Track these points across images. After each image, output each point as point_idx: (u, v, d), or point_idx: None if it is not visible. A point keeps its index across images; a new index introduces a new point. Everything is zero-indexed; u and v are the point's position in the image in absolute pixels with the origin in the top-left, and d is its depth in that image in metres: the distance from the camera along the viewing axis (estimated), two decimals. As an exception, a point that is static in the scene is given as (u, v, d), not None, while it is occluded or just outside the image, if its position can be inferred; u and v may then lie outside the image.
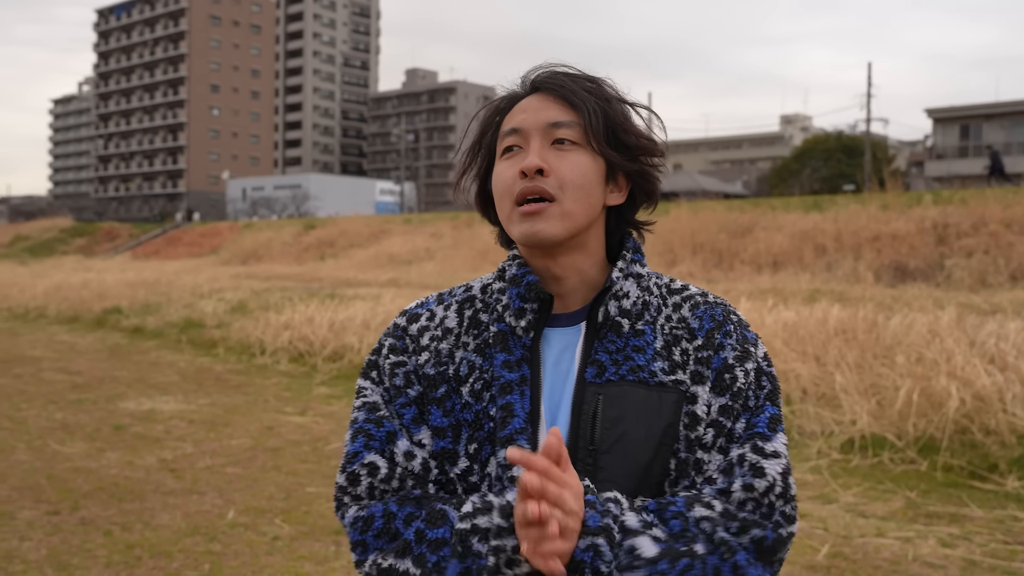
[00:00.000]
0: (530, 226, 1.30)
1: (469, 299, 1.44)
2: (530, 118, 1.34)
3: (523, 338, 1.34)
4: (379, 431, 1.35)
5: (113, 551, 4.74)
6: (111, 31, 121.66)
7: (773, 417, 1.32)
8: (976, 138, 45.48)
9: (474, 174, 1.46)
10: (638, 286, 1.36)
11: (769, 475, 1.26)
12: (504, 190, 1.34)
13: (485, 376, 1.33)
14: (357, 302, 15.08)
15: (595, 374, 1.30)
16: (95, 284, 23.19)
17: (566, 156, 1.32)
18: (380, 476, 1.31)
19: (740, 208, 25.63)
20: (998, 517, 5.31)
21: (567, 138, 1.33)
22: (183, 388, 10.27)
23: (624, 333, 1.33)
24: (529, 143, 1.33)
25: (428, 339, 1.40)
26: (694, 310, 1.37)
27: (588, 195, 1.33)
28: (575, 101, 1.33)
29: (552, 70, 1.39)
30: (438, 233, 34.13)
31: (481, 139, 1.44)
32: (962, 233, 19.16)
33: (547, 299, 1.34)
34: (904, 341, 8.14)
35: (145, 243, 53.38)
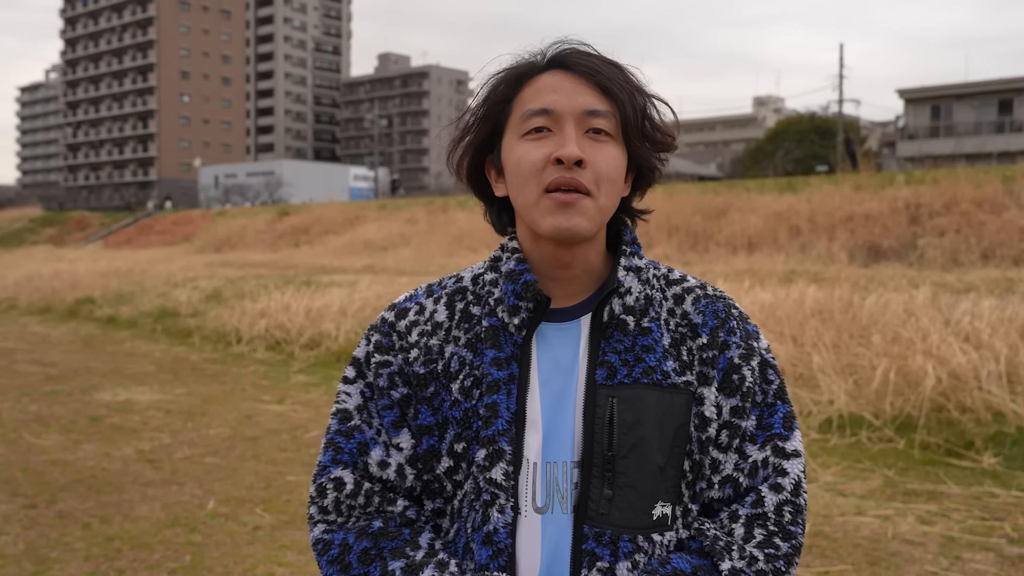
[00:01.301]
0: (565, 219, 1.23)
1: (460, 291, 1.37)
2: (564, 101, 1.25)
3: (515, 336, 1.28)
4: (348, 443, 1.32)
5: (92, 544, 4.69)
6: (78, 17, 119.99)
7: (787, 415, 1.32)
8: (947, 118, 45.85)
9: (467, 143, 1.36)
10: (639, 280, 1.31)
11: (793, 473, 1.29)
12: (531, 173, 1.25)
13: (476, 373, 1.28)
14: (333, 289, 15.02)
15: (606, 376, 1.25)
16: (67, 274, 22.96)
17: (602, 148, 1.25)
18: (346, 491, 1.30)
19: (714, 190, 25.71)
20: (975, 493, 5.37)
21: (603, 128, 1.25)
22: (159, 378, 10.19)
23: (630, 331, 1.28)
24: (563, 128, 1.24)
25: (417, 335, 1.34)
26: (696, 304, 1.33)
27: (618, 190, 1.29)
28: (612, 90, 1.26)
29: (578, 48, 1.30)
30: (413, 218, 34.02)
31: (487, 108, 1.32)
32: (934, 213, 19.33)
33: (544, 300, 1.28)
34: (880, 321, 8.20)
35: (117, 232, 52.85)
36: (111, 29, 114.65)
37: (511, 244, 1.34)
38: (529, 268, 1.29)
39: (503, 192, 1.34)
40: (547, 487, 1.24)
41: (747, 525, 1.25)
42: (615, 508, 1.21)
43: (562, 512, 1.23)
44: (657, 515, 1.23)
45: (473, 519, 1.25)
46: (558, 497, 1.24)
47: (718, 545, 1.23)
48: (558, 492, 1.24)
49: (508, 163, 1.29)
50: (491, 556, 1.22)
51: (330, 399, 8.82)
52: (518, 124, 1.28)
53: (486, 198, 1.41)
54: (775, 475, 1.28)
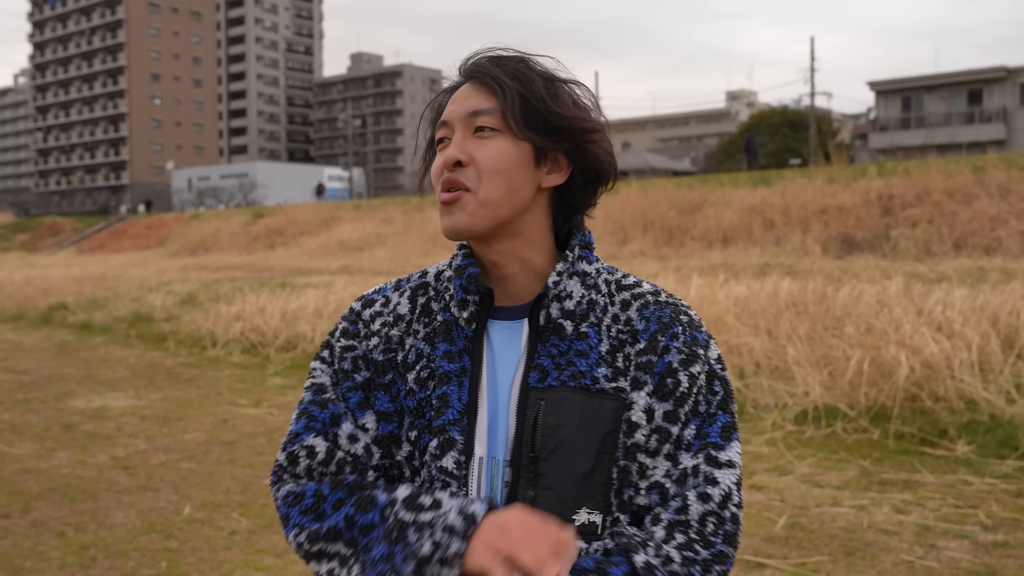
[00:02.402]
0: (448, 218, 1.30)
1: (423, 286, 1.41)
2: (455, 108, 1.32)
3: (465, 329, 1.32)
4: (322, 413, 1.34)
5: (67, 552, 4.65)
6: (46, 20, 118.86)
7: (726, 425, 1.29)
8: (918, 109, 46.27)
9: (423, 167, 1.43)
10: (583, 284, 1.32)
11: (724, 484, 1.25)
12: (435, 183, 1.34)
13: (431, 365, 1.32)
14: (309, 291, 14.95)
15: (538, 379, 1.27)
16: (39, 280, 22.73)
17: (485, 143, 1.29)
18: (318, 459, 1.30)
19: (689, 185, 25.81)
20: (949, 482, 5.42)
21: (487, 125, 1.29)
22: (134, 383, 10.11)
23: (567, 335, 1.30)
24: (454, 134, 1.31)
25: (379, 324, 1.39)
26: (642, 311, 1.32)
27: (507, 180, 1.28)
28: (493, 86, 1.30)
29: (481, 56, 1.35)
30: (389, 218, 33.94)
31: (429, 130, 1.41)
32: (906, 204, 19.49)
33: (487, 292, 1.32)
34: (853, 312, 8.26)
35: (89, 237, 52.39)
36: (80, 32, 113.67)
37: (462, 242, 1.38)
38: (474, 263, 1.34)
39: None
40: (489, 482, 1.28)
41: (668, 529, 1.23)
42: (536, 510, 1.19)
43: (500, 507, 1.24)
44: (581, 521, 1.24)
45: None
46: (497, 492, 1.27)
47: (635, 540, 1.22)
48: (494, 488, 1.27)
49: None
50: None
51: (307, 401, 8.78)
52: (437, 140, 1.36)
53: None
54: (705, 484, 1.24)
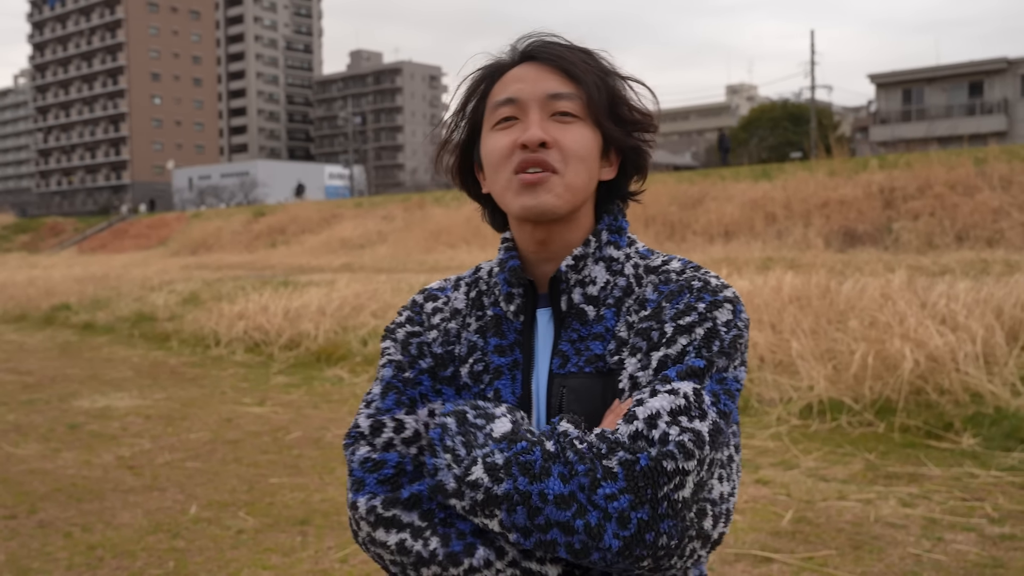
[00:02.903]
0: (531, 197, 1.26)
1: (475, 280, 1.42)
2: (527, 88, 1.29)
3: (514, 322, 1.33)
4: (407, 391, 1.32)
5: (74, 553, 4.65)
6: (45, 21, 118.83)
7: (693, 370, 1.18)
8: (919, 102, 46.19)
9: (454, 145, 1.41)
10: (608, 270, 1.32)
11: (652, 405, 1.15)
12: (500, 160, 1.29)
13: (485, 359, 1.33)
14: (311, 289, 14.95)
15: (559, 364, 1.28)
16: (41, 281, 22.75)
17: (568, 129, 1.28)
18: (404, 435, 1.28)
19: (690, 179, 25.79)
20: (955, 475, 5.41)
21: (568, 111, 1.28)
22: (138, 383, 10.11)
23: (589, 320, 1.30)
24: (528, 114, 1.28)
25: (439, 319, 1.40)
26: (657, 286, 1.29)
27: (588, 169, 1.30)
28: (575, 73, 1.29)
29: (544, 39, 1.34)
30: (390, 216, 33.93)
31: (464, 108, 1.38)
32: (908, 196, 19.47)
33: (528, 283, 1.33)
34: (857, 305, 8.25)
35: (91, 237, 52.41)
36: (79, 32, 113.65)
37: (505, 235, 1.38)
38: (515, 255, 1.34)
39: (488, 188, 1.37)
40: None
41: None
42: None
43: None
44: None
45: None
46: None
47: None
48: None
49: (484, 155, 1.34)
50: None
51: (311, 400, 8.79)
52: (490, 117, 1.32)
53: (480, 198, 1.44)
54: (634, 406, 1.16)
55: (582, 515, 1.10)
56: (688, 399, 1.15)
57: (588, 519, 1.09)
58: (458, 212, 29.72)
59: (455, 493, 1.16)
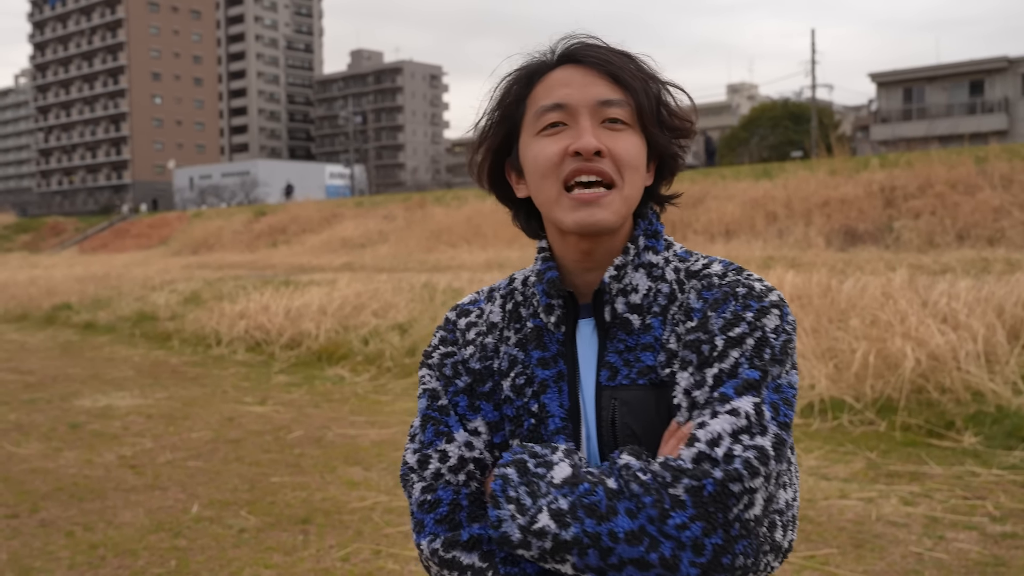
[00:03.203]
0: (588, 215, 1.23)
1: (511, 292, 1.39)
2: (576, 94, 1.25)
3: (556, 333, 1.30)
4: (445, 418, 1.32)
5: (76, 552, 4.65)
6: (46, 21, 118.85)
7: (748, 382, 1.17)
8: (919, 101, 46.18)
9: (486, 148, 1.36)
10: (649, 276, 1.29)
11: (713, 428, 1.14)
12: (548, 169, 1.25)
13: (527, 372, 1.30)
14: (312, 288, 14.95)
15: (608, 377, 1.26)
16: (43, 280, 22.76)
17: (620, 137, 1.25)
18: (449, 464, 1.28)
19: (691, 179, 25.77)
20: (957, 473, 5.41)
21: (619, 118, 1.25)
22: (139, 383, 10.12)
23: (635, 330, 1.27)
24: (578, 121, 1.25)
25: (474, 334, 1.37)
26: (700, 292, 1.27)
27: (642, 178, 1.29)
28: (624, 79, 1.26)
29: (586, 41, 1.30)
30: (391, 215, 33.93)
31: (502, 110, 1.33)
32: (909, 195, 19.46)
33: (567, 295, 1.30)
34: (858, 304, 8.25)
35: (92, 237, 52.43)
36: (80, 32, 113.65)
37: (541, 244, 1.35)
38: (553, 266, 1.31)
39: (524, 193, 1.34)
40: None
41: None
42: None
43: None
44: None
45: None
46: None
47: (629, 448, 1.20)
48: None
49: (526, 162, 1.30)
50: None
51: (312, 399, 8.79)
52: (533, 122, 1.29)
53: (510, 203, 1.41)
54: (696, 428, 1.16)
55: (655, 548, 1.09)
56: (749, 417, 1.14)
57: (662, 551, 1.09)
58: (459, 212, 29.72)
59: (521, 544, 1.15)
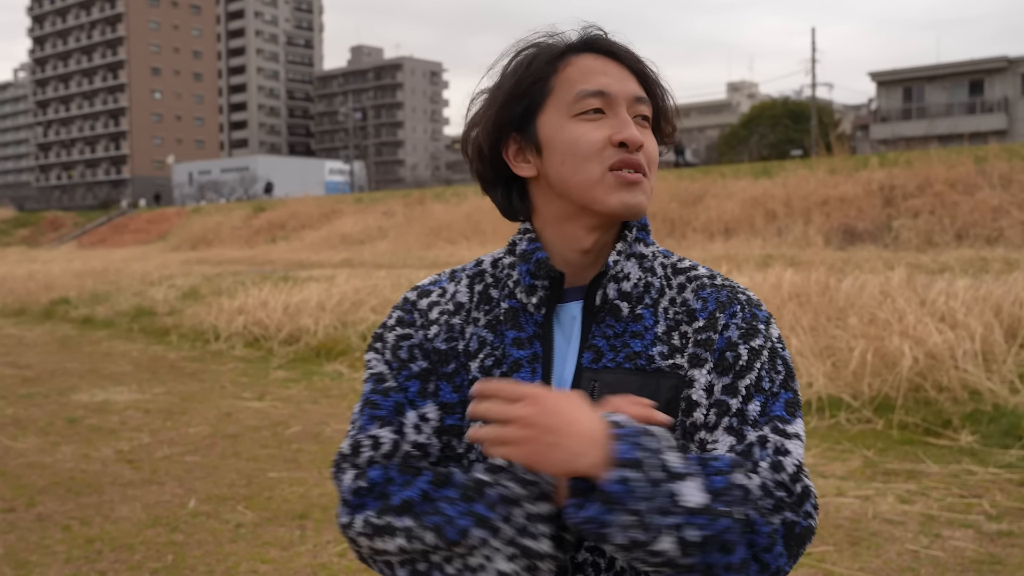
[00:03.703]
0: (632, 196, 1.26)
1: (479, 273, 1.39)
2: (616, 85, 1.27)
3: (534, 315, 1.30)
4: (385, 401, 1.30)
5: (72, 546, 4.65)
6: (45, 15, 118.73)
7: (790, 402, 1.24)
8: (919, 100, 46.18)
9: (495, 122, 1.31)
10: (640, 267, 1.32)
11: (795, 456, 1.19)
12: (592, 153, 1.25)
13: (496, 353, 1.30)
14: (311, 284, 14.96)
15: (592, 359, 1.27)
16: (41, 275, 22.74)
17: (647, 135, 1.30)
18: (383, 450, 1.25)
19: (690, 177, 25.78)
20: (953, 472, 5.42)
21: (647, 115, 1.30)
22: (137, 377, 10.12)
23: (623, 317, 1.29)
24: (617, 112, 1.27)
25: (438, 313, 1.35)
26: (698, 291, 1.31)
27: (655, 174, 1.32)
28: (650, 81, 1.31)
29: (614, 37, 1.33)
30: (390, 211, 33.93)
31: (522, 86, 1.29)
32: (908, 194, 19.47)
33: (558, 276, 1.30)
34: (856, 303, 8.25)
35: (91, 231, 52.42)
36: (80, 26, 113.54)
37: (524, 225, 1.35)
38: (541, 247, 1.31)
39: (529, 172, 1.31)
40: None
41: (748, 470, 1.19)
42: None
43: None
44: None
45: None
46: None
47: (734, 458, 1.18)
48: None
49: (558, 141, 1.27)
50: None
51: (310, 395, 8.80)
52: (569, 104, 1.27)
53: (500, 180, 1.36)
54: (775, 454, 1.19)
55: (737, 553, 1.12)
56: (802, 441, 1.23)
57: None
58: (458, 208, 29.73)
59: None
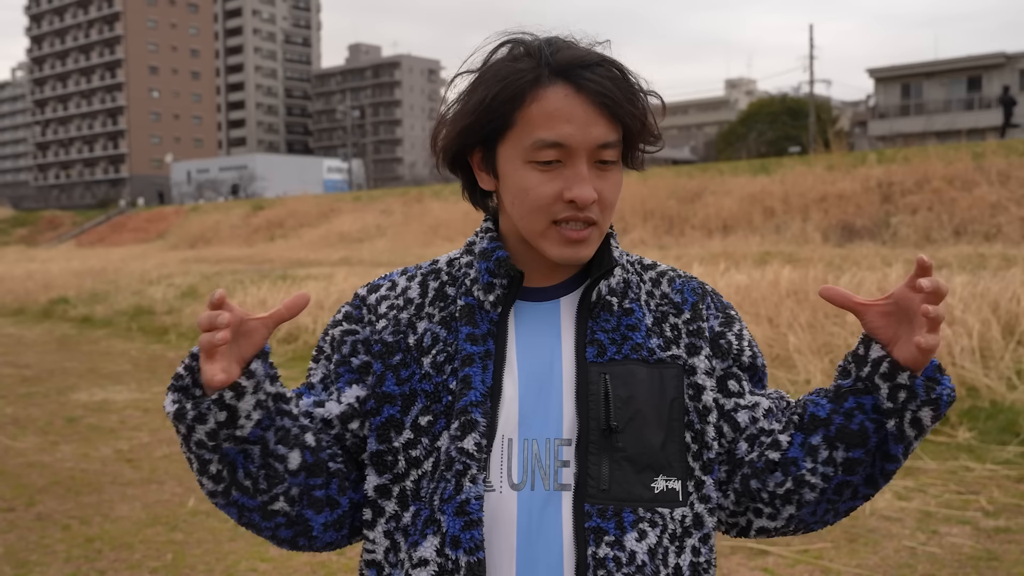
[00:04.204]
0: (574, 252, 1.26)
1: (435, 272, 1.39)
2: (578, 135, 1.21)
3: (490, 313, 1.30)
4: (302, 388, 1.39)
5: (72, 545, 4.67)
6: (43, 14, 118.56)
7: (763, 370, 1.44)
8: (917, 96, 46.17)
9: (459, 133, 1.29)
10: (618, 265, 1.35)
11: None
12: (540, 207, 1.24)
13: (449, 349, 1.30)
14: (310, 282, 14.96)
15: (597, 353, 1.28)
16: (40, 274, 22.74)
17: (608, 177, 1.26)
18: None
19: (688, 174, 25.77)
20: (951, 468, 5.44)
21: (610, 159, 1.25)
22: (136, 376, 10.12)
23: (615, 312, 1.32)
24: (575, 164, 1.23)
25: (386, 307, 1.37)
26: (672, 284, 1.39)
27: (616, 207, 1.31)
28: (622, 117, 1.23)
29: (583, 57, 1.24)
30: (388, 210, 33.91)
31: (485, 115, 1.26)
32: (906, 191, 19.46)
33: (518, 275, 1.30)
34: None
35: (89, 231, 52.38)
36: (77, 25, 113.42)
37: (486, 224, 1.35)
38: (501, 246, 1.31)
39: (490, 187, 1.32)
40: (525, 464, 1.24)
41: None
42: (615, 483, 1.22)
43: (544, 489, 1.23)
44: (660, 488, 1.25)
45: (443, 489, 1.23)
46: (540, 474, 1.24)
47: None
48: (540, 469, 1.24)
49: (510, 183, 1.26)
50: (464, 527, 1.21)
51: (309, 393, 8.79)
52: (526, 149, 1.23)
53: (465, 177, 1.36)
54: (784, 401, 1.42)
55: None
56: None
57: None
58: (456, 206, 29.70)
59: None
